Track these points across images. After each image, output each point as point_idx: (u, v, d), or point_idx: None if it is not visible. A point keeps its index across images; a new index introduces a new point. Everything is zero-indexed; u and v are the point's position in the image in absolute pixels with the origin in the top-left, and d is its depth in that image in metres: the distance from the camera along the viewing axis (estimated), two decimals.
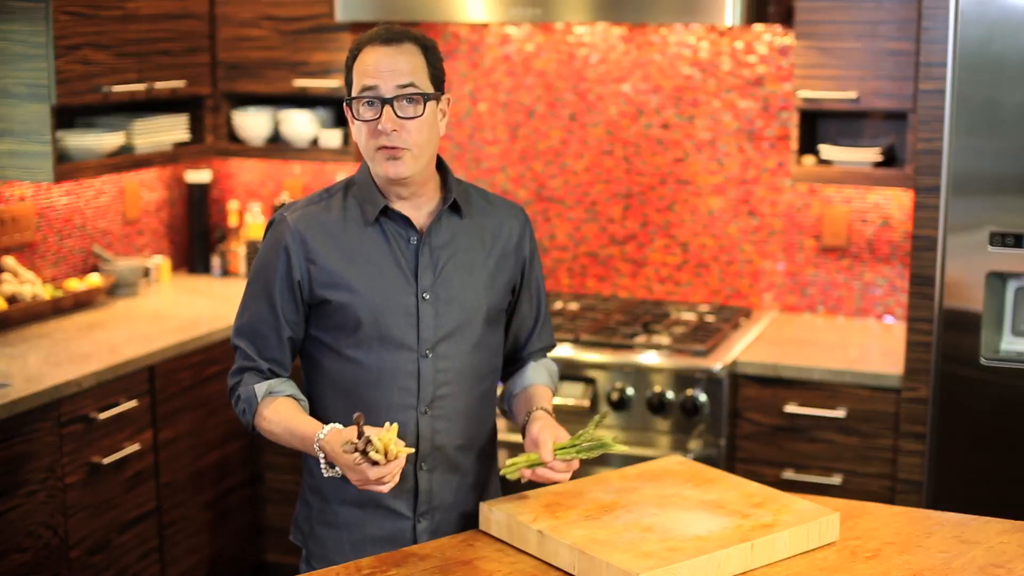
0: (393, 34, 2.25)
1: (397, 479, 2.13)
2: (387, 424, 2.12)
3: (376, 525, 2.35)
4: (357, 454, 2.09)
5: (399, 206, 2.31)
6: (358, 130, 2.26)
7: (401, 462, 2.11)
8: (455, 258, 2.33)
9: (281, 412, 2.28)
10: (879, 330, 3.97)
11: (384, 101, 2.21)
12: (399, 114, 2.22)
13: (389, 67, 2.22)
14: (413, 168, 2.25)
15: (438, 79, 2.28)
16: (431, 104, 2.25)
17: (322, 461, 2.19)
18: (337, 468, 2.19)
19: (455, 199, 2.34)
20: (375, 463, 2.09)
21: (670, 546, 2.10)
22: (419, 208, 2.33)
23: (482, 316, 2.36)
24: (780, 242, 4.14)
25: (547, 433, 2.29)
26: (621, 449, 2.29)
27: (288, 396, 2.31)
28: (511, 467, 2.28)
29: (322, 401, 2.35)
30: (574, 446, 2.28)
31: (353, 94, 2.25)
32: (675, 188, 4.22)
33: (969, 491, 3.32)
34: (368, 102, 2.23)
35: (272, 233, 2.34)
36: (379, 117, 2.22)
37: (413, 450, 2.18)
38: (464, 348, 2.33)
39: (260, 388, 2.30)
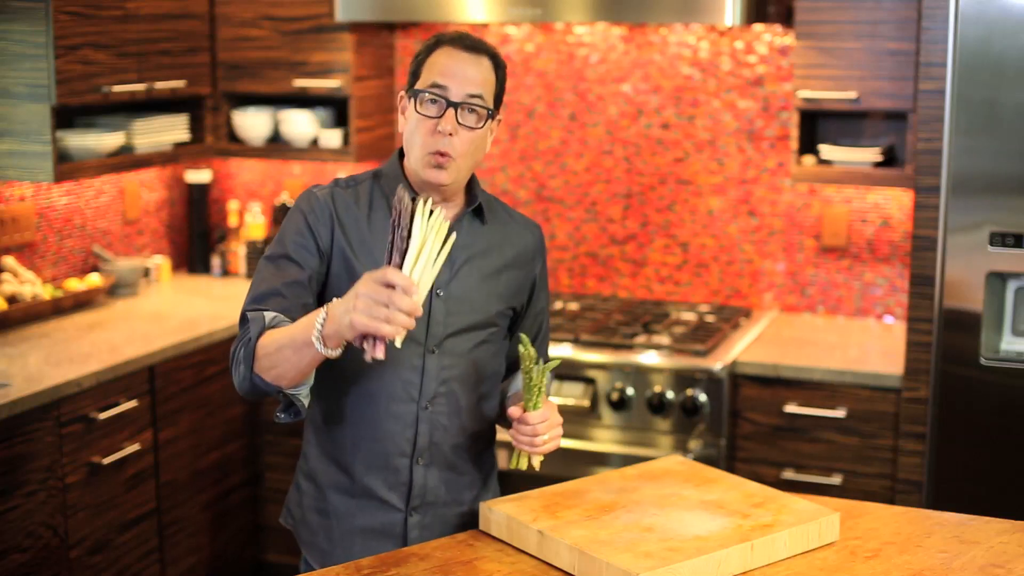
0: (474, 43, 2.28)
1: (402, 324, 1.96)
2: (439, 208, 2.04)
3: (367, 516, 2.35)
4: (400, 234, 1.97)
5: None
6: (415, 124, 2.26)
7: (413, 297, 1.96)
8: (472, 260, 2.35)
9: (284, 328, 2.15)
10: (879, 330, 3.97)
11: (450, 103, 2.23)
12: (460, 121, 2.24)
13: (463, 73, 2.24)
14: (454, 177, 2.27)
15: (499, 100, 2.32)
16: (489, 121, 2.28)
17: (321, 319, 2.03)
18: (333, 350, 2.03)
19: (480, 204, 2.36)
20: (399, 262, 1.96)
21: (670, 546, 2.10)
22: (444, 209, 2.34)
23: (490, 319, 2.37)
24: (780, 242, 4.14)
25: (517, 398, 2.33)
26: (555, 361, 2.28)
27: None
28: (516, 459, 2.30)
29: (326, 390, 2.35)
30: (532, 392, 2.25)
31: (421, 87, 2.26)
32: (675, 188, 4.22)
33: (969, 491, 3.32)
34: (433, 99, 2.24)
35: (298, 202, 2.32)
36: (441, 116, 2.23)
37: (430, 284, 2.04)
38: (469, 347, 2.35)
39: (268, 315, 2.18)
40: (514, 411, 2.26)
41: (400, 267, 2.00)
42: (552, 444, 2.28)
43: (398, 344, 2.02)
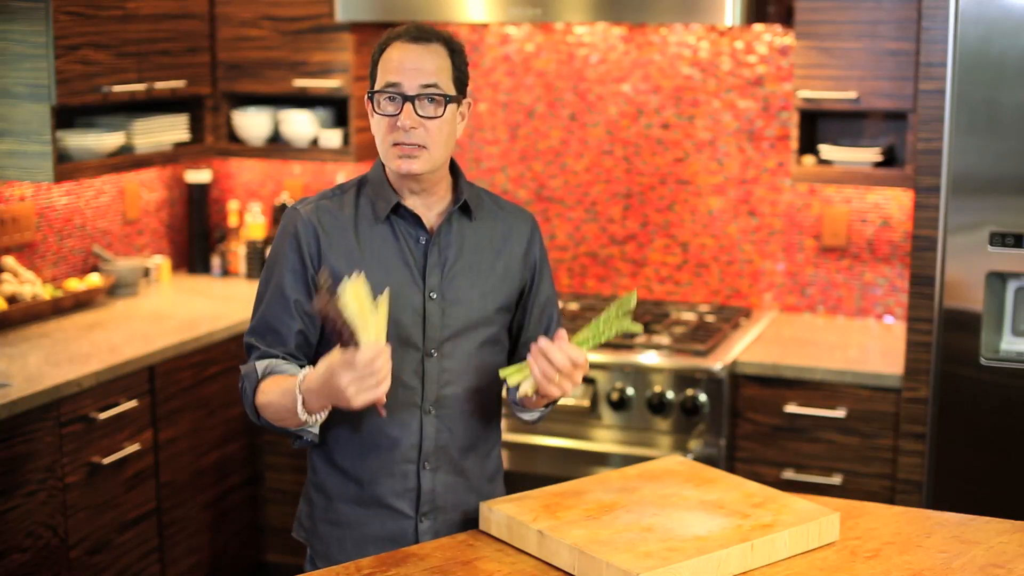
0: (422, 32, 2.28)
1: (388, 375, 2.06)
2: (354, 274, 2.06)
3: (378, 524, 2.35)
4: (326, 303, 1.99)
5: (411, 203, 2.32)
6: (377, 124, 2.28)
7: (386, 353, 2.04)
8: (463, 259, 2.34)
9: (278, 380, 2.23)
10: (879, 330, 3.97)
11: (406, 98, 2.23)
12: (419, 112, 2.24)
13: (414, 65, 2.24)
14: (427, 166, 2.27)
15: (461, 82, 2.30)
16: (451, 106, 2.27)
17: (299, 404, 2.13)
18: (318, 415, 2.15)
19: (465, 201, 2.35)
20: (356, 343, 2.01)
21: (670, 546, 2.10)
22: (430, 208, 2.34)
23: (488, 318, 2.36)
24: (780, 242, 4.14)
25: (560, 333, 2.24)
26: (637, 328, 2.22)
27: (290, 376, 2.26)
28: (516, 372, 2.23)
29: None
30: (593, 336, 2.19)
31: (376, 88, 2.27)
32: (675, 188, 4.23)
33: (969, 491, 3.32)
34: (390, 97, 2.25)
35: (283, 224, 2.34)
36: (399, 113, 2.24)
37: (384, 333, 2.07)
38: (469, 349, 2.34)
39: (261, 364, 2.26)
40: (562, 333, 2.18)
41: (358, 345, 2.03)
42: (558, 391, 2.20)
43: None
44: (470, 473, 2.39)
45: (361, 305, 2.03)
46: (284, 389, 2.19)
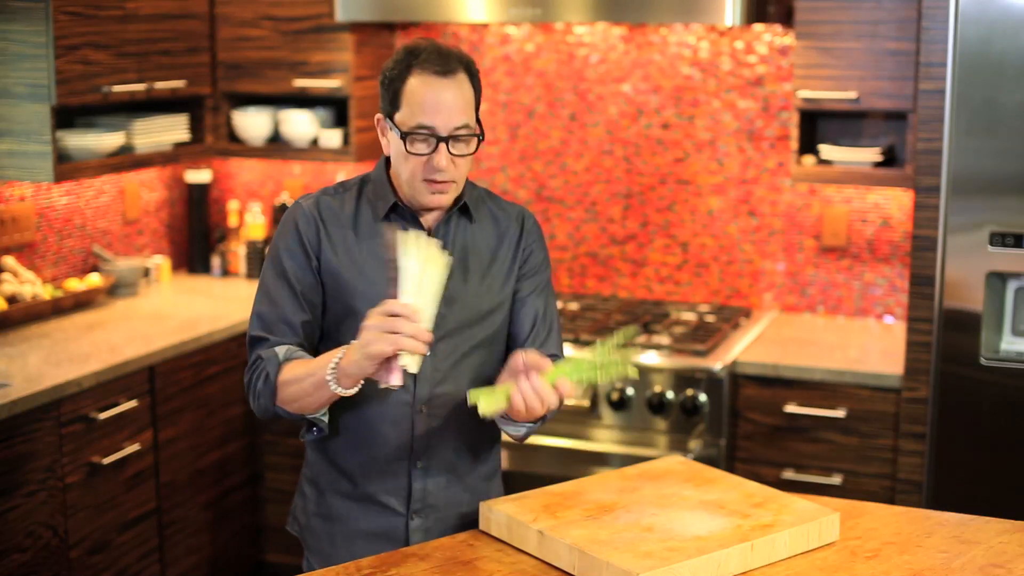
0: (446, 64, 2.24)
1: (405, 340, 2.04)
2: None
3: (369, 520, 2.36)
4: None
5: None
6: (405, 159, 2.26)
7: (414, 317, 2.05)
8: (459, 259, 2.35)
9: (302, 362, 2.22)
10: (879, 330, 3.97)
11: (439, 139, 2.23)
12: (452, 152, 2.24)
13: (446, 105, 2.23)
14: (454, 195, 2.31)
15: (478, 103, 2.32)
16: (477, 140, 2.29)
17: (331, 374, 2.10)
18: (348, 389, 2.12)
19: (465, 203, 2.36)
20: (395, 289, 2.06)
21: (670, 546, 2.10)
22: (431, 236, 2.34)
23: (483, 318, 2.36)
24: (780, 242, 4.14)
25: (536, 355, 2.19)
26: (634, 373, 2.20)
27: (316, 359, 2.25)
28: (487, 397, 2.15)
29: None
30: (578, 371, 2.14)
31: (407, 128, 2.24)
32: (675, 188, 4.23)
33: (969, 491, 3.32)
34: (422, 139, 2.24)
35: (285, 218, 2.36)
36: (432, 152, 2.24)
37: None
38: (463, 348, 2.34)
39: (281, 350, 2.26)
40: (544, 364, 2.15)
41: (397, 298, 2.09)
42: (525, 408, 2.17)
43: (413, 369, 2.10)
44: (464, 473, 2.39)
45: (413, 258, 2.09)
46: (311, 366, 2.17)
